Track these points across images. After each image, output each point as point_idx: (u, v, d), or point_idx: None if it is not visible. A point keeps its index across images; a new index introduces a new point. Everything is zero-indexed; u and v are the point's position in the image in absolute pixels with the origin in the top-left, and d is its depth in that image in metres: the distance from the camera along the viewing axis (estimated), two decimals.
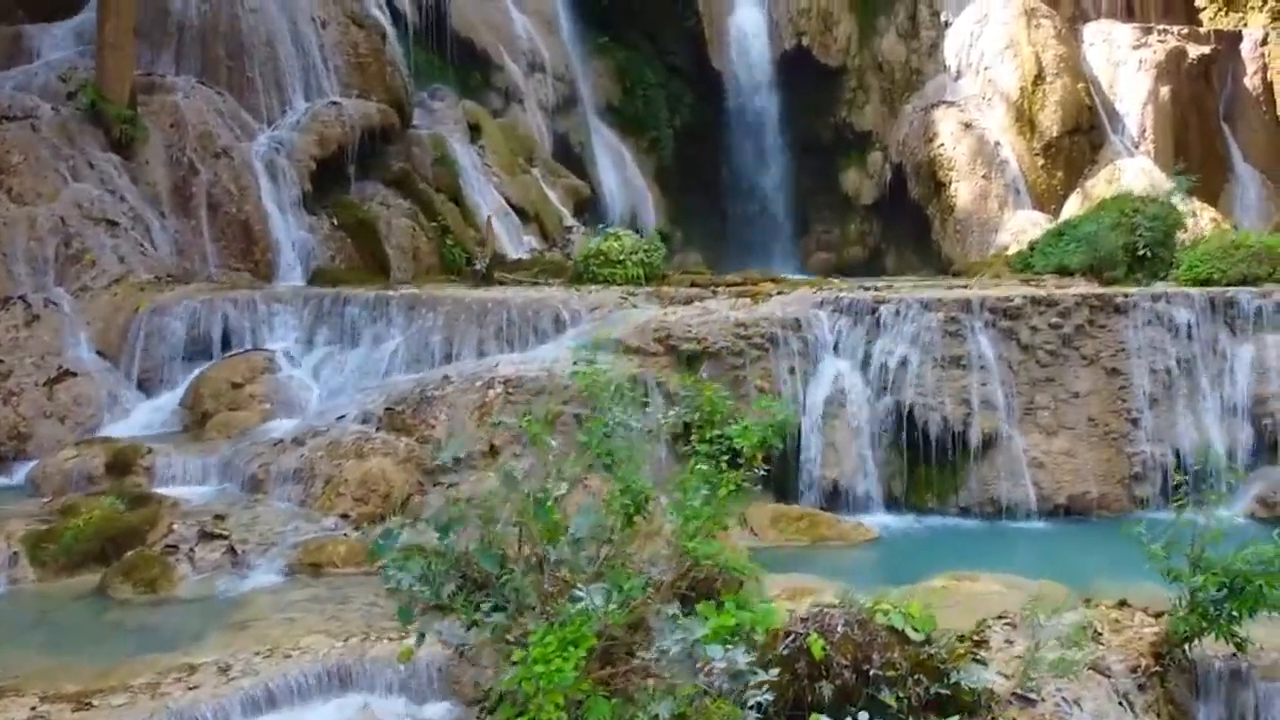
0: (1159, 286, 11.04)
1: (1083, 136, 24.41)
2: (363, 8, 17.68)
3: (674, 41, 28.25)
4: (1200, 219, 22.81)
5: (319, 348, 10.69)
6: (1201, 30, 25.86)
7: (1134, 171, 23.79)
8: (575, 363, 10.01)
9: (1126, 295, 10.85)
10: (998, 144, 24.74)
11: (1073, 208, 23.77)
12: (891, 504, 10.39)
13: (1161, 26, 25.50)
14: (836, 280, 13.94)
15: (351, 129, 15.67)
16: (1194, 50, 24.80)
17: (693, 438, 6.54)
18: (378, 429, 8.84)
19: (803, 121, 28.43)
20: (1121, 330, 10.72)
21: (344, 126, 15.57)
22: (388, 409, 8.95)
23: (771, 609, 5.15)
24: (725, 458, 6.08)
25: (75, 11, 15.64)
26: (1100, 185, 23.80)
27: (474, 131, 20.99)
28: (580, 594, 4.90)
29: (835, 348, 10.96)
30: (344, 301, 10.76)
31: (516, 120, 23.60)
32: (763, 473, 6.25)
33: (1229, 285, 12.22)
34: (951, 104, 25.77)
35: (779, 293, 12.12)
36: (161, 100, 14.40)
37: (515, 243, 19.23)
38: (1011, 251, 22.81)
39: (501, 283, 14.30)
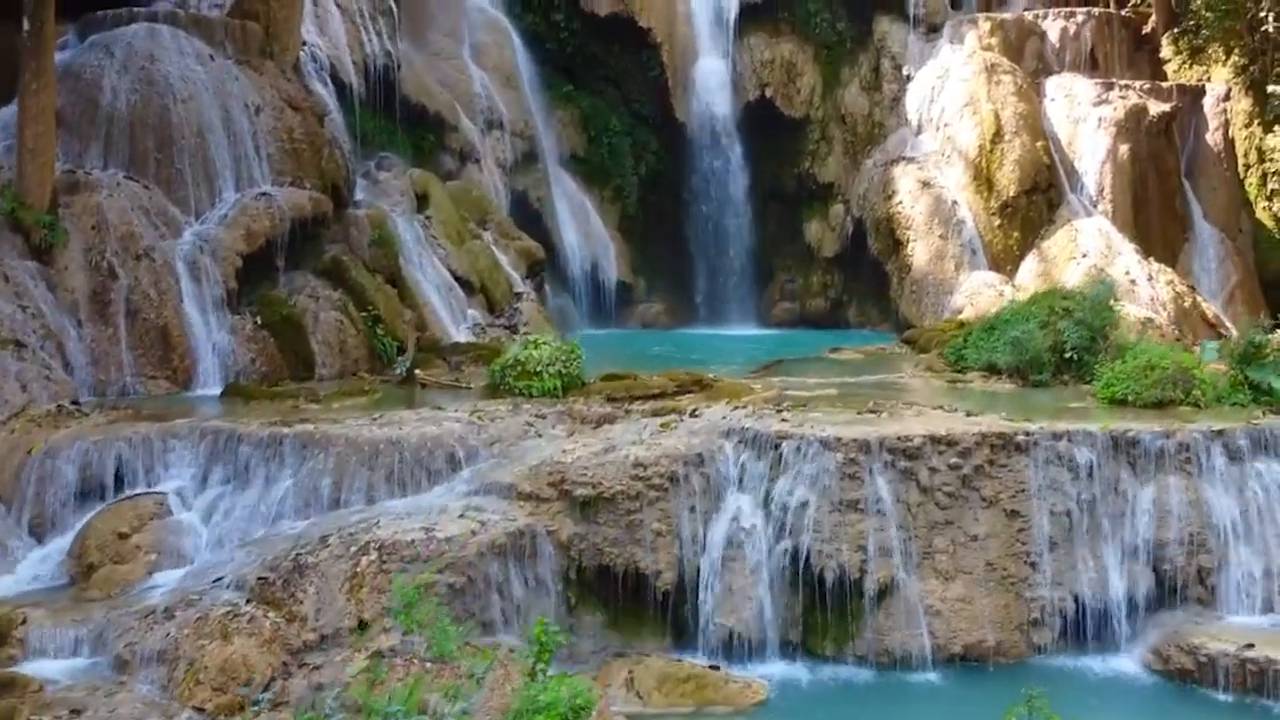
0: (1061, 424, 10.93)
1: (1040, 196, 24.33)
2: (299, 88, 17.57)
3: (639, 90, 28.26)
4: (1157, 282, 22.80)
5: (213, 487, 10.60)
6: (1164, 85, 25.72)
7: (1090, 232, 23.73)
8: (461, 515, 10.00)
9: (1028, 433, 10.76)
10: (955, 203, 24.67)
11: (1029, 269, 23.75)
12: (788, 651, 10.30)
13: (1124, 82, 25.37)
14: (758, 387, 13.82)
15: (281, 220, 15.56)
16: (1155, 107, 24.68)
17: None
18: (249, 600, 8.77)
19: (767, 171, 28.43)
20: (1022, 470, 10.64)
21: (273, 219, 15.46)
22: (260, 578, 8.87)
23: None
24: None
25: (4, 101, 15.50)
26: (1056, 246, 23.75)
27: (421, 201, 20.92)
28: None
29: (739, 482, 10.88)
30: (237, 440, 10.67)
31: (471, 181, 23.55)
32: None
33: (1144, 408, 12.20)
34: (911, 160, 25.70)
35: (693, 412, 12.00)
36: (84, 201, 14.31)
37: (458, 318, 19.18)
38: (964, 315, 22.81)
39: (424, 385, 14.25)
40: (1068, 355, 14.40)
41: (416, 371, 14.45)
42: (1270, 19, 23.61)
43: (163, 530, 10.13)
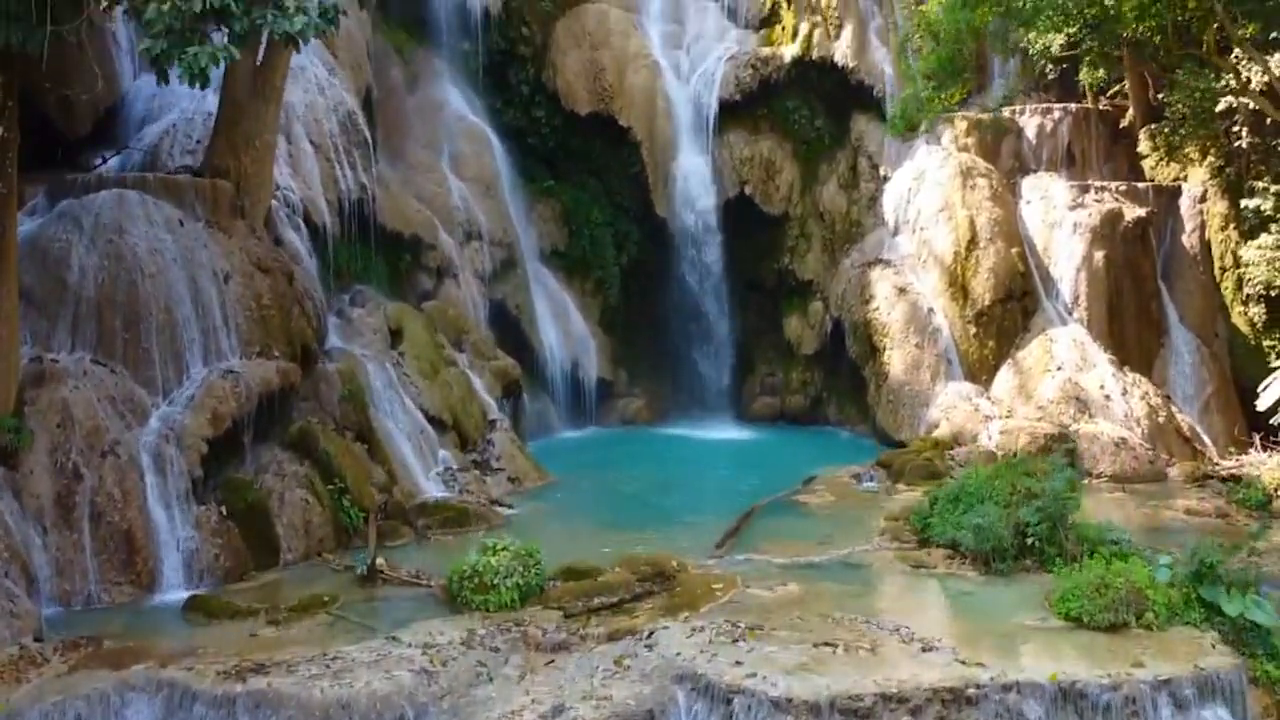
0: (1011, 674, 11.01)
1: (1015, 303, 24.39)
2: (269, 247, 17.60)
3: (621, 183, 28.47)
4: (1131, 396, 22.87)
5: None
6: (1140, 186, 25.77)
7: (1065, 342, 23.83)
8: None
9: (978, 686, 10.85)
10: (931, 310, 24.75)
11: (1004, 381, 23.82)
12: None
13: (1099, 184, 25.44)
14: (719, 587, 13.87)
15: (248, 400, 15.59)
16: (1131, 211, 24.75)
17: None
18: None
19: (747, 266, 28.62)
20: None
21: (239, 399, 15.49)
22: None
23: None
24: None
25: None
26: (1031, 357, 23.83)
27: (395, 335, 21.01)
28: None
29: None
30: (192, 696, 10.77)
31: (449, 299, 23.66)
32: None
33: (1097, 630, 12.27)
34: (888, 264, 25.79)
35: (649, 638, 12.05)
36: (50, 396, 14.33)
37: (429, 463, 19.27)
38: (940, 432, 22.89)
39: (385, 579, 14.31)
40: (1029, 540, 14.50)
41: (379, 560, 14.54)
42: (1244, 132, 23.65)
43: None
